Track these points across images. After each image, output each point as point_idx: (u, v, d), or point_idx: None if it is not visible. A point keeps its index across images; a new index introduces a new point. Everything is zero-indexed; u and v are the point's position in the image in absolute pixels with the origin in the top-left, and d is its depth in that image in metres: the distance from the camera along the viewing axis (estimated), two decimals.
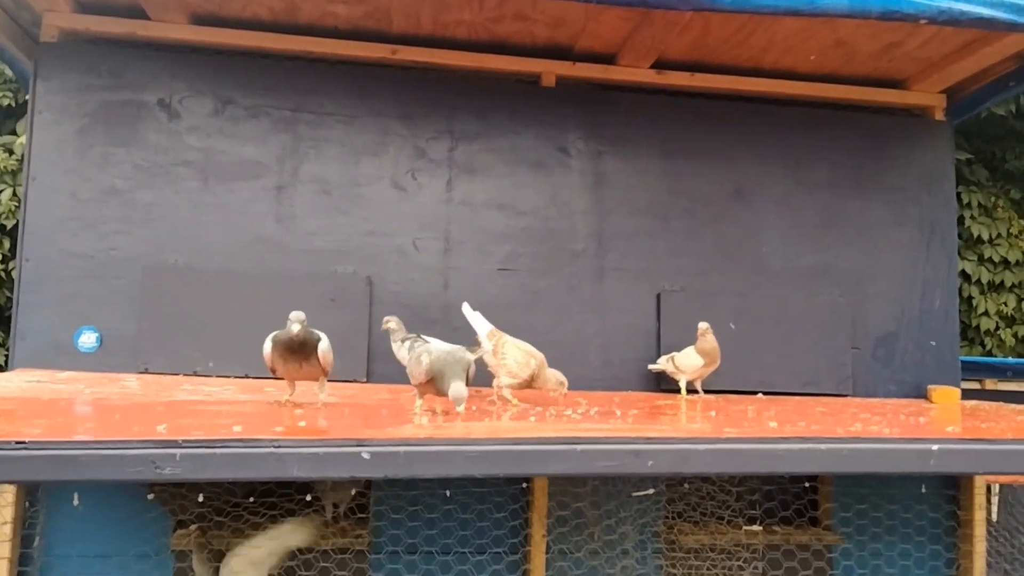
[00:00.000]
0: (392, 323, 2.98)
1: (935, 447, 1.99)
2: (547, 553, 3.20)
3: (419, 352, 2.51)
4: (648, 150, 3.89)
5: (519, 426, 2.27)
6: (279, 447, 1.77)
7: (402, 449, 1.83)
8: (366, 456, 1.78)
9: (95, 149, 3.49)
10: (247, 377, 3.34)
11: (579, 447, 1.89)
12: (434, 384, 2.43)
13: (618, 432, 2.13)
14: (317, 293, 3.46)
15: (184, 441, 1.73)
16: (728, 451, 1.96)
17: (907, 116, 4.15)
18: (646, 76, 3.89)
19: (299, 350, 2.49)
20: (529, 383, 2.93)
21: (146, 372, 3.35)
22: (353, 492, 3.17)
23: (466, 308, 3.18)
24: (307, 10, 3.50)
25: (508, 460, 1.89)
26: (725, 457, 1.96)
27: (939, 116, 4.12)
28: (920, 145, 4.06)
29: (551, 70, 3.84)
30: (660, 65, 3.86)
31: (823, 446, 1.99)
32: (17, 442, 1.67)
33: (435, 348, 2.51)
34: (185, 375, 3.35)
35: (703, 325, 3.40)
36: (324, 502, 3.20)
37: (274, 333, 2.52)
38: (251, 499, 2.91)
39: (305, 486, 3.05)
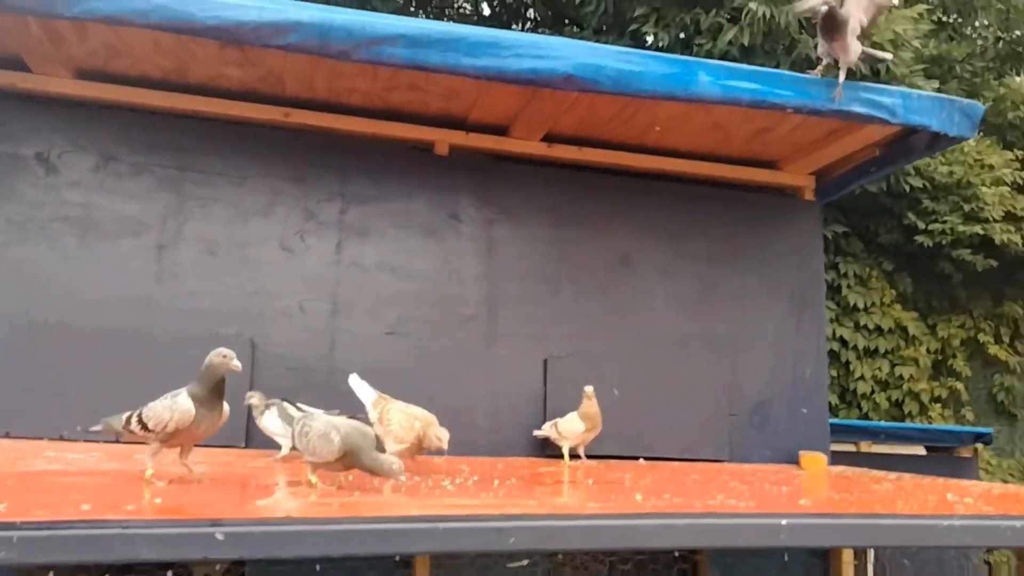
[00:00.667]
0: (255, 399, 3.00)
1: (784, 522, 2.09)
2: None
3: (323, 429, 2.36)
4: (538, 219, 4.01)
5: (387, 501, 2.26)
6: (127, 528, 1.70)
7: (259, 529, 1.79)
8: (220, 537, 1.73)
9: None
10: (117, 442, 3.19)
11: (442, 525, 1.90)
12: (349, 460, 2.33)
13: (483, 508, 2.14)
14: (197, 355, 3.33)
15: (22, 523, 1.64)
16: (588, 528, 2.00)
17: (779, 195, 4.43)
18: (537, 148, 4.03)
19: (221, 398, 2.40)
20: (418, 445, 2.91)
21: (7, 436, 3.18)
22: (219, 567, 3.05)
23: (353, 379, 3.16)
24: (198, 71, 3.49)
25: (371, 540, 1.87)
26: (586, 534, 2.00)
27: (809, 196, 4.41)
28: (791, 222, 4.33)
29: (445, 139, 3.93)
30: (550, 138, 4.01)
31: (680, 522, 2.06)
32: None
33: (340, 423, 2.38)
34: (50, 439, 3.19)
35: (588, 388, 3.48)
36: (194, 574, 3.07)
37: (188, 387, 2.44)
38: (106, 575, 2.76)
39: None
